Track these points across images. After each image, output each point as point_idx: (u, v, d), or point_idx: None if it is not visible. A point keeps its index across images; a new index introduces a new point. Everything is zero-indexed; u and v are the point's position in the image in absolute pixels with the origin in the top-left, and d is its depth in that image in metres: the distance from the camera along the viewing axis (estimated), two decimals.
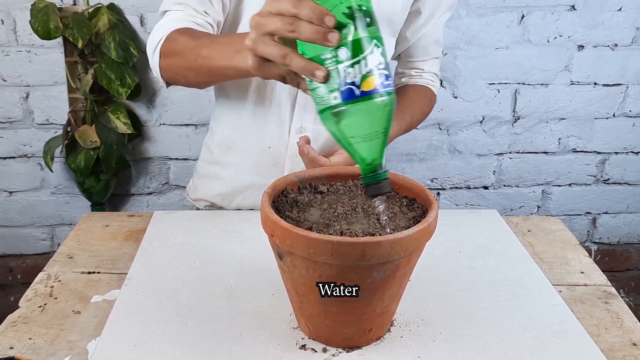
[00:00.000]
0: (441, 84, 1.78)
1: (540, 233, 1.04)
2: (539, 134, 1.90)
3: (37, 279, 0.86)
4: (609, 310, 0.82)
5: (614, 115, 1.89)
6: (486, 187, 1.97)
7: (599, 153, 1.94)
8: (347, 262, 0.61)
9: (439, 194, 1.97)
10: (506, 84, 1.83)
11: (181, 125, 1.81)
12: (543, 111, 1.87)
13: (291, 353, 0.70)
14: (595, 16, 1.76)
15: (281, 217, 0.65)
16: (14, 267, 1.91)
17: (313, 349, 0.70)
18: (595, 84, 1.85)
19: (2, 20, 1.65)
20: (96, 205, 1.80)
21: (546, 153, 1.93)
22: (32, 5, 1.57)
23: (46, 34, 1.54)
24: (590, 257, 0.96)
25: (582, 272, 0.91)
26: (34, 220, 1.87)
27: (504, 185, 1.97)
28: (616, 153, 1.94)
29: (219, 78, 0.88)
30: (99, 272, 0.88)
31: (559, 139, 1.91)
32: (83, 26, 1.58)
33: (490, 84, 1.83)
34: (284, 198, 0.72)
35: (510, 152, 1.92)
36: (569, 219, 2.01)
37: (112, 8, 1.64)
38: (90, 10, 1.63)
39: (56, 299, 0.81)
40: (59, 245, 1.71)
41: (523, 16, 1.75)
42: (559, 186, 1.97)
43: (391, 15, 0.99)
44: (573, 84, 1.84)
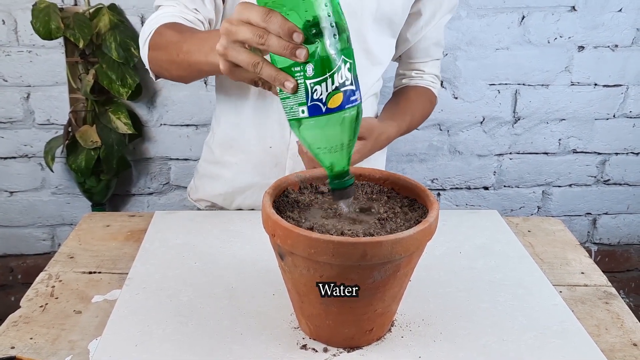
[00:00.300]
0: (442, 84, 1.77)
1: (541, 233, 1.04)
2: (539, 134, 1.90)
3: (38, 278, 0.86)
4: (609, 310, 0.82)
5: (614, 116, 1.90)
6: (486, 188, 1.97)
7: (599, 154, 1.94)
8: (348, 262, 0.61)
9: (439, 194, 1.97)
10: (506, 84, 1.83)
11: (182, 125, 1.81)
12: (543, 112, 1.87)
13: (292, 353, 0.70)
14: (595, 17, 1.76)
15: (282, 217, 0.65)
16: (14, 267, 1.92)
17: (314, 349, 0.71)
18: (596, 84, 1.85)
19: (3, 21, 1.65)
20: (97, 206, 1.81)
21: (546, 154, 1.93)
22: (33, 5, 1.57)
23: (47, 34, 1.54)
24: (590, 257, 0.96)
25: (582, 273, 0.92)
26: (35, 221, 1.87)
27: (504, 186, 1.97)
28: (616, 154, 1.94)
29: (198, 73, 0.89)
30: (99, 272, 0.88)
31: (559, 139, 1.91)
32: (84, 26, 1.58)
33: (490, 84, 1.83)
34: (285, 198, 0.73)
35: (511, 153, 1.92)
36: (569, 220, 2.01)
37: (113, 8, 1.65)
38: (91, 11, 1.63)
39: (57, 298, 0.81)
40: (59, 245, 1.71)
41: (523, 17, 1.75)
42: (559, 187, 1.97)
43: (391, 16, 0.99)
44: (573, 84, 1.84)
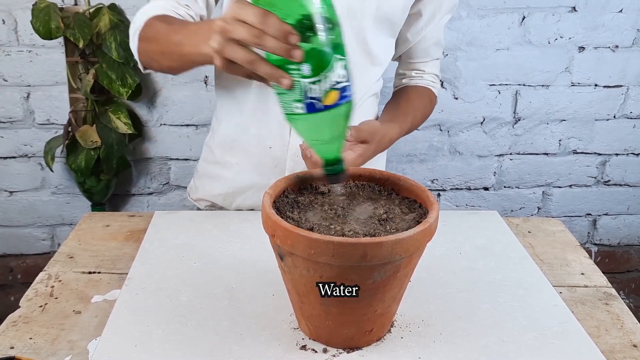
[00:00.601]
0: (442, 85, 1.78)
1: (541, 234, 1.04)
2: (539, 135, 1.90)
3: (37, 278, 0.86)
4: (609, 311, 0.82)
5: (614, 117, 1.89)
6: (487, 188, 1.97)
7: (600, 154, 1.94)
8: (348, 263, 0.61)
9: (439, 195, 1.97)
10: (507, 85, 1.83)
11: (182, 125, 1.81)
12: (544, 112, 1.87)
13: (291, 353, 0.70)
14: (596, 18, 1.76)
15: (282, 218, 0.65)
16: (14, 267, 1.91)
17: (313, 350, 0.71)
18: (596, 85, 1.85)
19: (3, 20, 1.65)
20: (97, 206, 1.80)
21: (547, 154, 1.93)
22: (33, 5, 1.57)
23: (47, 34, 1.54)
24: (590, 258, 0.96)
25: (582, 274, 0.91)
26: (35, 220, 1.87)
27: (505, 187, 1.96)
28: (617, 154, 1.94)
29: (188, 64, 0.89)
30: (99, 272, 0.88)
31: (560, 140, 1.91)
32: (84, 26, 1.58)
33: (490, 85, 1.83)
34: (284, 199, 0.73)
35: (511, 154, 1.92)
36: (569, 221, 2.01)
37: (113, 8, 1.64)
38: (91, 11, 1.63)
39: (57, 298, 0.81)
40: (59, 245, 1.72)
41: (524, 17, 1.75)
42: (560, 187, 1.97)
43: (391, 17, 0.99)
44: (574, 85, 1.84)
